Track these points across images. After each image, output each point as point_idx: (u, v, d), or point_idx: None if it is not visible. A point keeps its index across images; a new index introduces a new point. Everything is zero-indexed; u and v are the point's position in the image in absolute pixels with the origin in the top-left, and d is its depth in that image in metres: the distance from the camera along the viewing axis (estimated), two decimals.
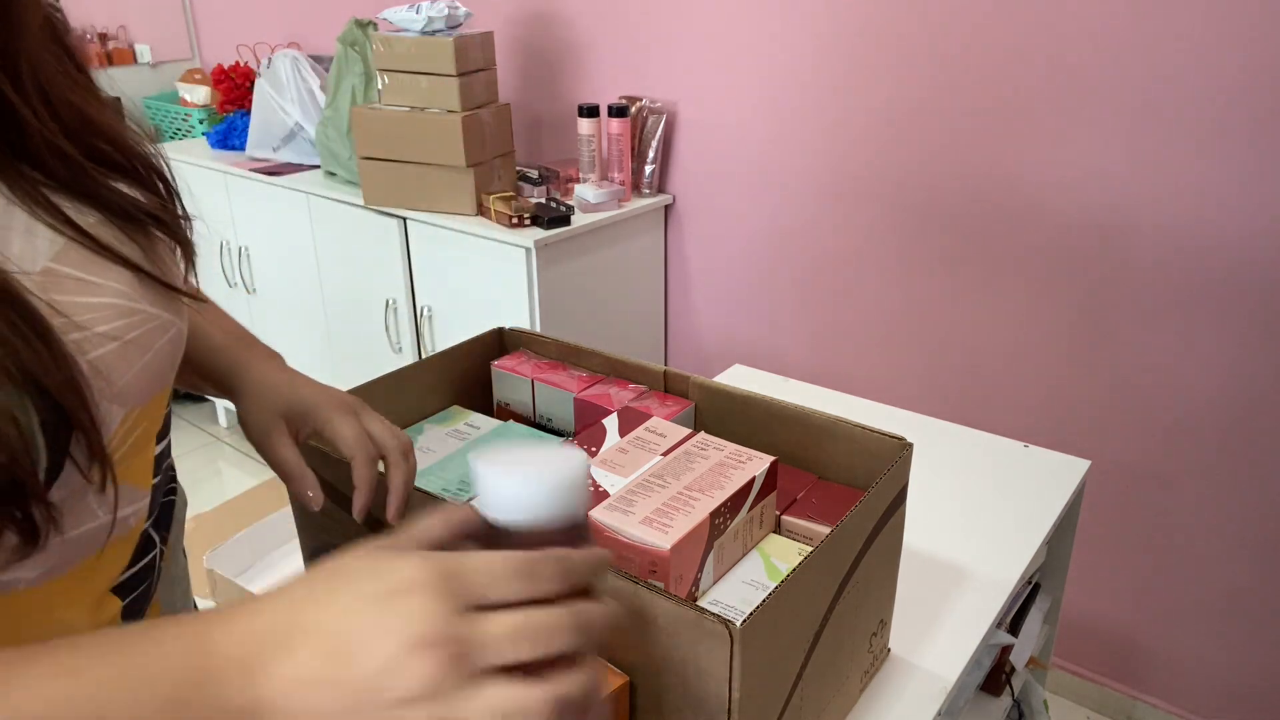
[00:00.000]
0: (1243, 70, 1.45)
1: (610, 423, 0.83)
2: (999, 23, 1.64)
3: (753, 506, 0.75)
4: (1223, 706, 1.82)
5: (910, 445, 0.78)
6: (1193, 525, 1.72)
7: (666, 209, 2.21)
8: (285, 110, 2.44)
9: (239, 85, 2.76)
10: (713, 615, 0.57)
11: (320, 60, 2.48)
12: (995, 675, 1.15)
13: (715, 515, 0.70)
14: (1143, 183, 1.59)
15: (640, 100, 2.11)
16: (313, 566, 0.42)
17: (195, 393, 0.72)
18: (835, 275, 2.01)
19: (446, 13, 1.92)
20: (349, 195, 2.19)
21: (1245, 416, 1.61)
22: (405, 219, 2.09)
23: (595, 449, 0.79)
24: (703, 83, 2.06)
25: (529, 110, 2.39)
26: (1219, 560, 1.72)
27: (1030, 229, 1.72)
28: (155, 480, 0.58)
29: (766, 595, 0.60)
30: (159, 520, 0.60)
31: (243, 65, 2.80)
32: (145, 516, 0.57)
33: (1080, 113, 1.61)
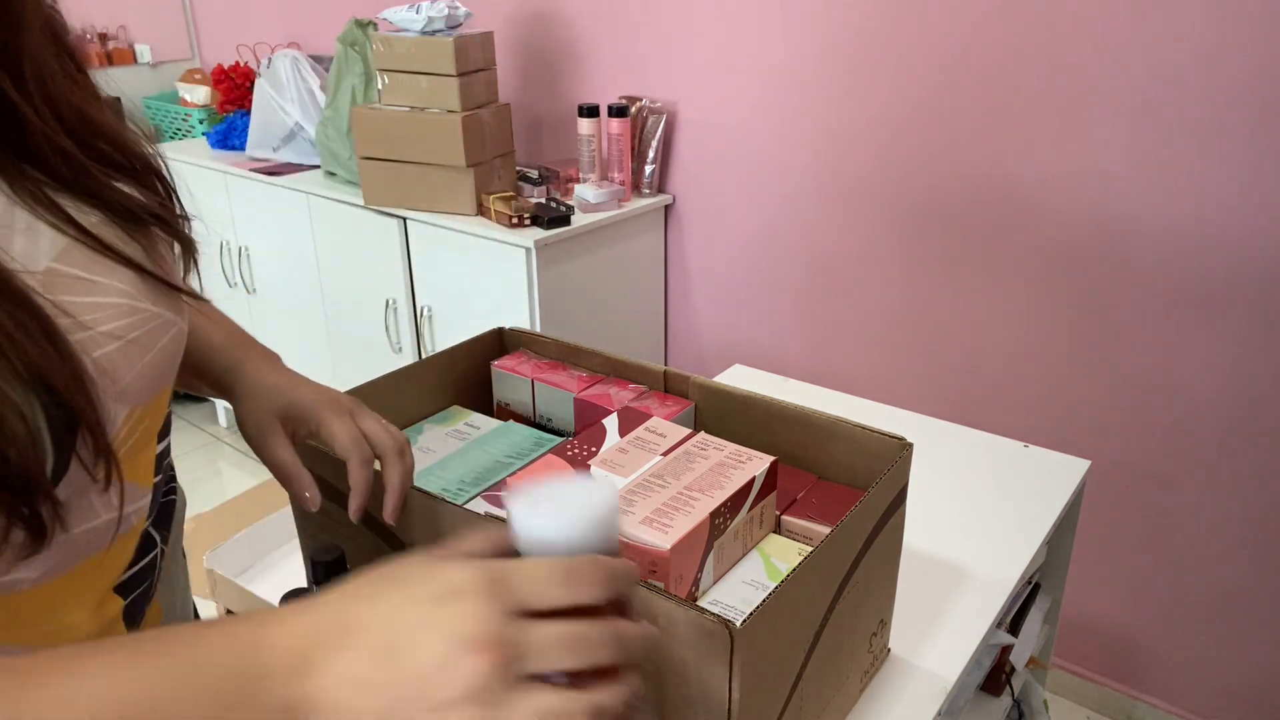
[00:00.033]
0: (1243, 70, 1.45)
1: (610, 423, 0.83)
2: (999, 23, 1.64)
3: (753, 506, 0.75)
4: (1223, 706, 1.82)
5: (910, 445, 0.78)
6: (1193, 525, 1.72)
7: (666, 209, 2.21)
8: (285, 110, 2.44)
9: (239, 85, 2.76)
10: (713, 615, 0.57)
11: (320, 60, 2.48)
12: (995, 675, 1.15)
13: (715, 515, 0.70)
14: (1143, 183, 1.59)
15: (640, 100, 2.11)
16: (361, 572, 0.43)
17: (192, 393, 0.72)
18: (835, 275, 2.01)
19: (446, 13, 1.92)
20: (349, 195, 2.19)
21: (1245, 416, 1.61)
22: (405, 219, 2.09)
23: (595, 449, 0.79)
24: (703, 83, 2.06)
25: (529, 110, 2.39)
26: (1219, 560, 1.72)
27: (1030, 229, 1.72)
28: (156, 479, 0.58)
29: (766, 595, 0.60)
30: (158, 519, 0.60)
31: (243, 65, 2.80)
32: (146, 515, 0.58)
33: (1080, 113, 1.61)
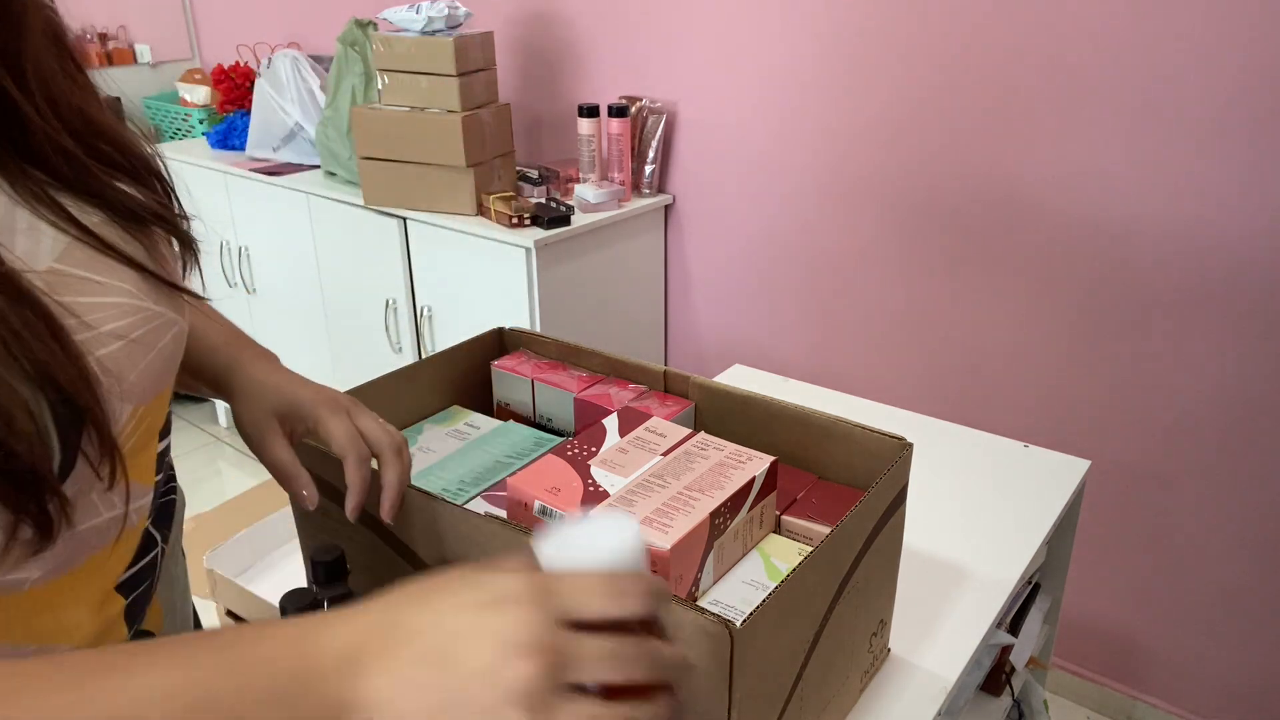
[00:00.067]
0: (1243, 70, 1.45)
1: (610, 423, 0.83)
2: (999, 23, 1.64)
3: (753, 506, 0.75)
4: (1223, 706, 1.82)
5: (910, 445, 0.78)
6: (1193, 525, 1.72)
7: (666, 209, 2.21)
8: (285, 110, 2.44)
9: (239, 85, 2.76)
10: (713, 615, 0.57)
11: (320, 60, 2.48)
12: (995, 675, 1.15)
13: (715, 515, 0.70)
14: (1143, 183, 1.59)
15: (640, 100, 2.11)
16: (407, 581, 0.44)
17: (189, 392, 0.72)
18: (835, 275, 2.01)
19: (446, 13, 1.92)
20: (349, 195, 2.19)
21: (1245, 416, 1.61)
22: (405, 219, 2.09)
23: (595, 449, 0.79)
24: (703, 83, 2.06)
25: (529, 110, 2.39)
26: (1219, 560, 1.72)
27: (1030, 229, 1.72)
28: (157, 478, 0.58)
29: (766, 595, 0.60)
30: (159, 519, 0.60)
31: (243, 65, 2.80)
32: (147, 514, 0.58)
33: (1080, 113, 1.61)
